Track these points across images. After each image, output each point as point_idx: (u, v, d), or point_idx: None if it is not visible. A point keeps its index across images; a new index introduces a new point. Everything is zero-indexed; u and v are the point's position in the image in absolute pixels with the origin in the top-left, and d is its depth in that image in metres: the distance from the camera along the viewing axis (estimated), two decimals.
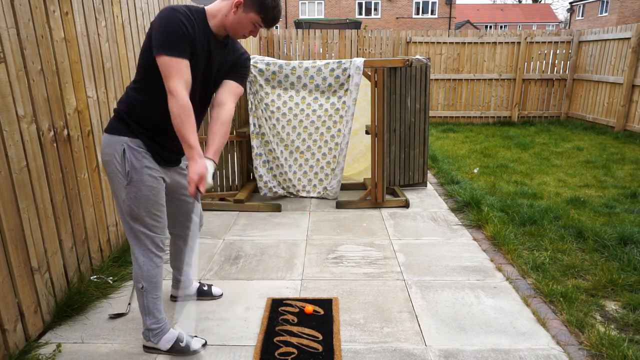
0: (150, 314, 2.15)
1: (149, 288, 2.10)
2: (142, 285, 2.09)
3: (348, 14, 29.70)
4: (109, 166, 1.97)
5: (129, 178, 1.95)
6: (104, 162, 1.99)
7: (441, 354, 2.22)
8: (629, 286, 2.83)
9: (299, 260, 3.22)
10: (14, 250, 2.13)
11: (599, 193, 4.73)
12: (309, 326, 2.41)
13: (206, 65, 2.01)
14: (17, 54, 2.16)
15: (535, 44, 8.96)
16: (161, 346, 2.19)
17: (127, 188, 1.96)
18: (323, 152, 4.30)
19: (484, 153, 6.59)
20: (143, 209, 1.99)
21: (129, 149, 1.94)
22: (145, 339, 2.21)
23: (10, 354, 2.10)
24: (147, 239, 2.05)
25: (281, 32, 9.56)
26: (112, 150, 1.95)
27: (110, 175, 1.99)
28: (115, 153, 1.94)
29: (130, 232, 2.05)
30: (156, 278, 2.11)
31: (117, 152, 1.94)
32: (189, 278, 2.64)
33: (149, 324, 2.16)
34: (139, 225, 2.02)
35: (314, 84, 4.13)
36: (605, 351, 2.20)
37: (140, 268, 2.07)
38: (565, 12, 69.85)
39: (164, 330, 2.19)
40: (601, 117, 8.31)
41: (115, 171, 1.96)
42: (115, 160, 1.94)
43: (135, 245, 2.06)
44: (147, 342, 2.21)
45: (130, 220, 2.02)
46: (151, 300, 2.13)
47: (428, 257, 3.27)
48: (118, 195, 2.00)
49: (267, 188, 4.38)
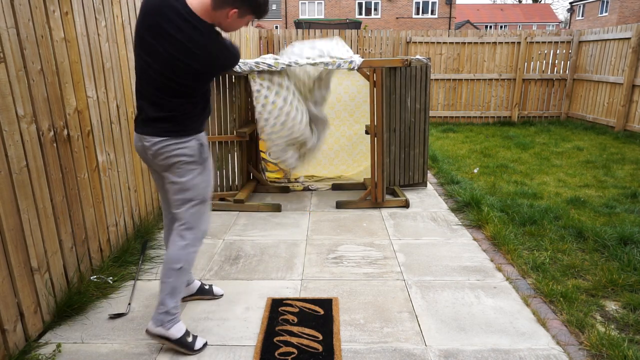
0: (175, 297, 2.19)
1: (186, 270, 2.21)
2: (181, 266, 2.18)
3: (348, 14, 29.70)
4: (183, 162, 2.12)
5: (204, 165, 2.20)
6: (174, 163, 2.12)
7: (441, 354, 2.22)
8: (629, 286, 2.83)
9: (299, 260, 3.22)
10: (14, 250, 2.13)
11: (599, 193, 4.73)
12: (309, 326, 2.41)
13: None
14: (17, 54, 2.16)
15: (535, 44, 8.96)
16: (172, 334, 2.17)
17: (202, 174, 2.19)
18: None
19: (484, 153, 6.59)
20: (209, 189, 2.25)
21: (199, 141, 2.17)
22: (156, 324, 2.16)
23: (10, 354, 2.10)
24: (204, 222, 2.26)
25: (281, 32, 9.56)
26: (184, 147, 2.11)
27: (183, 172, 2.14)
28: (187, 149, 2.12)
29: (195, 217, 2.21)
30: (193, 262, 2.25)
31: (190, 147, 2.13)
32: (190, 275, 2.65)
33: (171, 307, 2.17)
34: (205, 208, 2.25)
35: (314, 85, 4.13)
36: (605, 351, 2.20)
37: (185, 249, 2.19)
38: (565, 12, 69.84)
39: (177, 318, 2.21)
40: (601, 117, 8.31)
41: (192, 164, 2.15)
42: (188, 155, 2.13)
43: (192, 228, 2.21)
44: (156, 329, 2.16)
45: (200, 205, 2.22)
46: (181, 284, 2.20)
47: (428, 257, 3.27)
48: (191, 187, 2.16)
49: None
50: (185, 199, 2.18)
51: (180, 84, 2.05)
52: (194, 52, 1.98)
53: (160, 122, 2.10)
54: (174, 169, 2.14)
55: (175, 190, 2.18)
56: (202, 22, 1.97)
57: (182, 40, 1.95)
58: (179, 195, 2.18)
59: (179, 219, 2.21)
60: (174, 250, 2.18)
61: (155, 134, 2.10)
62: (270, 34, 9.57)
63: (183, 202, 2.19)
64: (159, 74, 2.02)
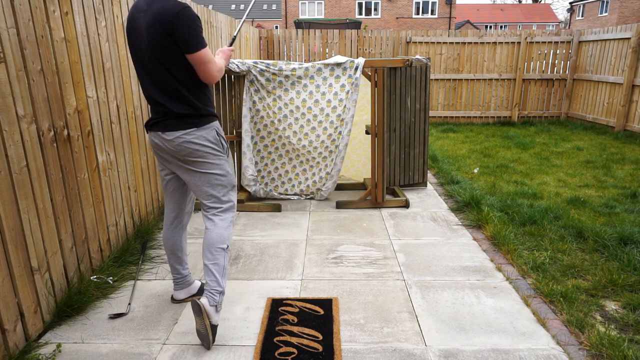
0: (225, 276, 2.30)
1: (229, 249, 2.34)
2: (227, 245, 2.31)
3: (348, 14, 29.70)
4: (210, 153, 2.24)
5: (227, 152, 2.36)
6: (201, 154, 2.22)
7: (441, 354, 2.22)
8: (629, 286, 2.83)
9: (299, 260, 3.22)
10: (14, 250, 2.13)
11: (599, 193, 4.73)
12: (309, 326, 2.41)
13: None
14: (17, 54, 2.16)
15: (535, 44, 8.96)
16: (216, 319, 2.23)
17: (227, 161, 2.34)
18: (323, 155, 4.30)
19: (484, 153, 6.59)
20: (235, 176, 2.39)
21: (219, 130, 2.30)
22: (211, 303, 2.20)
23: (10, 354, 2.10)
24: (235, 207, 2.41)
25: (281, 32, 9.56)
26: (206, 139, 2.23)
27: (210, 162, 2.26)
28: (209, 139, 2.24)
29: (229, 203, 2.36)
30: (231, 243, 2.40)
31: (211, 137, 2.24)
32: (190, 272, 2.65)
33: (225, 286, 2.29)
34: (234, 194, 2.39)
35: (314, 85, 4.13)
36: (605, 351, 2.20)
37: (227, 230, 2.32)
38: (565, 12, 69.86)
39: (221, 306, 2.31)
40: (601, 117, 8.31)
41: (217, 153, 2.28)
42: (212, 144, 2.25)
43: (228, 213, 2.35)
44: (210, 307, 2.18)
45: (231, 192, 2.37)
46: (227, 263, 2.33)
47: (428, 257, 3.27)
48: (223, 173, 2.31)
49: (255, 183, 4.34)
50: (221, 185, 2.32)
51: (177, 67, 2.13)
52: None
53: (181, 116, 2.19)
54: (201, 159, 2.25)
55: (207, 179, 2.28)
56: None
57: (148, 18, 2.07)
58: (215, 182, 2.30)
59: (214, 204, 2.32)
60: (217, 232, 2.28)
61: (178, 127, 2.19)
62: (270, 34, 9.57)
63: (218, 189, 2.31)
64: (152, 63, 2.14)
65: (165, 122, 2.20)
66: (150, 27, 2.04)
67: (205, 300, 2.19)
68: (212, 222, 2.32)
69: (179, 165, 2.28)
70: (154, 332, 2.40)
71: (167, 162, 2.32)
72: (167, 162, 2.32)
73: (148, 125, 2.27)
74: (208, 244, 2.28)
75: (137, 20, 2.11)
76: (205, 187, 2.29)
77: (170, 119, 2.19)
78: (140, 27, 2.10)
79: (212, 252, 2.26)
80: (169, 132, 2.19)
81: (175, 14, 2.01)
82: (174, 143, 2.20)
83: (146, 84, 2.20)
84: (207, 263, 2.26)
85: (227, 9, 41.86)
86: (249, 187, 4.33)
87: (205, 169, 2.26)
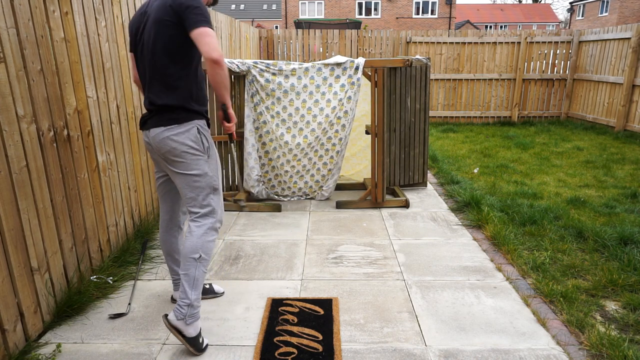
0: (197, 288, 2.19)
1: (205, 259, 2.22)
2: (199, 255, 2.20)
3: (348, 14, 29.70)
4: (187, 152, 2.16)
5: (208, 153, 2.23)
6: (178, 153, 2.15)
7: (441, 354, 2.22)
8: (629, 286, 2.83)
9: (299, 260, 3.22)
10: (14, 250, 2.13)
11: (599, 193, 4.73)
12: (309, 326, 2.41)
13: None
14: (17, 54, 2.16)
15: (536, 44, 8.96)
16: (189, 332, 2.16)
17: (208, 162, 2.23)
18: (320, 154, 4.30)
19: (484, 153, 6.59)
20: (218, 178, 2.29)
21: (201, 128, 2.21)
22: (178, 317, 2.14)
23: (10, 354, 2.10)
24: (219, 211, 2.29)
25: (281, 32, 9.56)
26: (186, 137, 2.15)
27: (187, 162, 2.17)
28: (189, 137, 2.16)
29: (208, 207, 2.25)
30: (211, 252, 2.25)
31: (192, 135, 2.16)
32: None
33: (194, 299, 2.16)
34: (218, 197, 2.28)
35: (314, 85, 4.13)
36: (606, 351, 2.20)
37: (201, 239, 2.21)
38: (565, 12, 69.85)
39: (198, 314, 2.20)
40: (601, 117, 8.31)
41: (196, 153, 2.18)
42: (192, 142, 2.16)
43: (206, 219, 2.24)
44: (177, 321, 2.13)
45: (212, 194, 2.26)
46: (201, 274, 2.21)
47: (428, 257, 3.27)
48: (201, 174, 2.20)
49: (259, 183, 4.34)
50: (199, 187, 2.23)
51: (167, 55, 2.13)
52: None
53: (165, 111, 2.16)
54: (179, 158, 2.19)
55: (185, 181, 2.21)
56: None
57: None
58: (193, 184, 2.22)
59: (193, 208, 2.24)
60: (191, 240, 2.20)
61: (160, 124, 2.16)
62: (270, 33, 9.57)
63: (196, 191, 2.23)
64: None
65: (152, 119, 2.18)
66: (160, 8, 2.08)
67: (172, 315, 2.15)
68: (189, 228, 2.23)
69: (165, 164, 2.25)
70: (154, 332, 2.40)
71: (157, 162, 2.33)
72: (157, 162, 2.33)
73: (140, 125, 2.27)
74: (182, 253, 2.22)
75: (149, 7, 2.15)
76: (184, 188, 2.22)
77: (154, 116, 2.17)
78: (149, 13, 2.14)
79: (184, 262, 2.20)
80: (153, 128, 2.17)
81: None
82: (156, 140, 2.17)
83: (143, 72, 2.20)
84: (180, 272, 2.22)
85: (227, 9, 41.86)
86: (252, 188, 4.33)
87: (183, 169, 2.19)
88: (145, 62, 2.18)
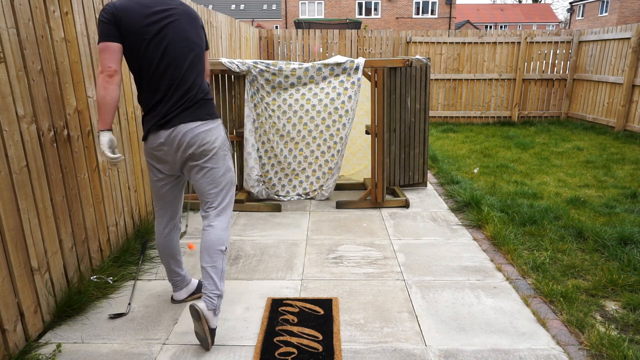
0: (224, 279, 2.27)
1: (227, 252, 2.32)
2: (226, 247, 2.29)
3: (348, 14, 29.70)
4: (221, 148, 2.27)
5: (230, 149, 2.38)
6: (213, 147, 2.24)
7: (441, 354, 2.22)
8: (629, 286, 2.83)
9: (299, 260, 3.22)
10: (14, 250, 2.13)
11: (599, 193, 4.73)
12: (309, 326, 2.41)
13: None
14: (17, 54, 2.16)
15: (535, 44, 8.96)
16: (214, 322, 2.20)
17: (230, 158, 2.36)
18: (322, 150, 4.30)
19: (484, 153, 6.59)
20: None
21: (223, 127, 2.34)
22: (209, 307, 2.16)
23: (10, 354, 2.10)
24: (232, 205, 2.39)
25: (281, 32, 9.56)
26: (220, 131, 2.28)
27: (218, 157, 2.27)
28: (222, 133, 2.30)
29: (229, 202, 2.35)
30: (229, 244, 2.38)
31: (223, 130, 2.32)
32: (187, 272, 2.66)
33: (222, 290, 2.24)
34: (233, 192, 2.38)
35: (314, 84, 4.13)
36: (605, 351, 2.20)
37: (225, 232, 2.30)
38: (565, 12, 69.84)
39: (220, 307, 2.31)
40: (601, 117, 8.31)
41: (225, 149, 2.31)
42: (224, 138, 2.30)
43: (227, 212, 2.34)
44: (208, 311, 2.16)
45: (232, 188, 2.36)
46: (226, 266, 2.32)
47: (428, 257, 3.27)
48: (227, 169, 2.32)
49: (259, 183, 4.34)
50: (225, 182, 2.32)
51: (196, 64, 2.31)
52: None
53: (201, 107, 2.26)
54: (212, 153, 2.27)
55: (212, 176, 2.28)
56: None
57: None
58: (220, 179, 2.30)
59: (214, 203, 2.30)
60: (215, 233, 2.25)
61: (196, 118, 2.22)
62: (270, 34, 9.57)
63: (222, 186, 2.31)
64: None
65: (181, 115, 2.18)
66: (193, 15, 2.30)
67: (203, 305, 2.16)
68: (210, 223, 2.29)
69: (188, 163, 2.25)
70: (154, 332, 2.40)
71: (168, 163, 2.27)
72: (169, 163, 2.27)
73: (161, 125, 2.18)
74: (206, 246, 2.24)
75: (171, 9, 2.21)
76: (209, 185, 2.28)
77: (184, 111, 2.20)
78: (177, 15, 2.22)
79: (210, 255, 2.23)
80: (184, 124, 2.18)
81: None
82: (188, 135, 2.17)
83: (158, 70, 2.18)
84: (204, 266, 2.23)
85: (227, 9, 41.85)
86: (253, 188, 4.33)
87: (214, 164, 2.26)
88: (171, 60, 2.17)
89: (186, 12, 2.25)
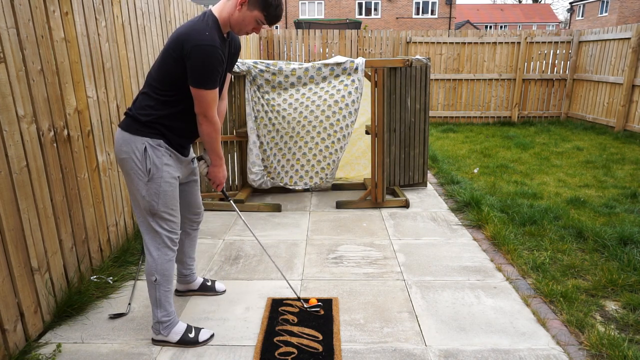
0: (162, 307, 2.22)
1: (162, 281, 2.18)
2: (155, 278, 2.17)
3: (348, 14, 29.70)
4: (127, 163, 2.05)
5: (150, 175, 2.05)
6: (120, 159, 2.07)
7: (441, 354, 2.22)
8: (629, 286, 2.83)
9: (299, 260, 3.22)
10: (14, 250, 2.13)
11: (599, 193, 4.73)
12: (309, 326, 2.41)
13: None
14: (17, 54, 2.16)
15: (535, 44, 8.96)
16: (171, 338, 2.24)
17: (147, 184, 2.05)
18: (326, 144, 4.27)
19: (484, 153, 6.59)
20: (162, 204, 2.09)
21: (150, 147, 2.04)
22: (155, 333, 2.25)
23: (10, 354, 2.10)
24: (164, 233, 2.14)
25: (281, 32, 9.56)
26: (131, 148, 2.03)
27: (128, 172, 2.06)
28: (135, 151, 2.03)
29: (147, 228, 2.13)
30: (169, 272, 2.20)
31: (137, 150, 2.03)
32: (193, 272, 2.67)
33: (160, 317, 2.22)
34: (157, 220, 2.12)
35: (314, 84, 4.13)
36: (605, 351, 2.20)
37: (155, 262, 2.15)
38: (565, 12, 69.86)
39: (173, 323, 2.26)
40: (601, 117, 8.31)
41: (135, 168, 2.04)
42: (135, 157, 2.03)
43: (150, 240, 2.15)
44: (157, 336, 2.25)
45: (149, 216, 2.10)
46: (163, 293, 2.20)
47: (428, 257, 3.27)
48: (137, 191, 2.07)
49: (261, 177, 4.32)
50: (136, 206, 2.12)
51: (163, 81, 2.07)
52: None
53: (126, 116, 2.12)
54: (122, 167, 2.11)
55: (129, 189, 2.13)
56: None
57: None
58: (134, 199, 2.11)
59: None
60: (147, 261, 2.19)
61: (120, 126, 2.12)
62: (270, 34, 9.57)
63: (137, 209, 2.13)
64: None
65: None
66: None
67: (151, 332, 2.30)
68: (146, 248, 2.19)
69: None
70: None
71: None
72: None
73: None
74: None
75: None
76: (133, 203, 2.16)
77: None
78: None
79: (147, 282, 2.22)
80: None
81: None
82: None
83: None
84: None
85: None
86: (254, 182, 4.32)
87: (125, 174, 2.10)
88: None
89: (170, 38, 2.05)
